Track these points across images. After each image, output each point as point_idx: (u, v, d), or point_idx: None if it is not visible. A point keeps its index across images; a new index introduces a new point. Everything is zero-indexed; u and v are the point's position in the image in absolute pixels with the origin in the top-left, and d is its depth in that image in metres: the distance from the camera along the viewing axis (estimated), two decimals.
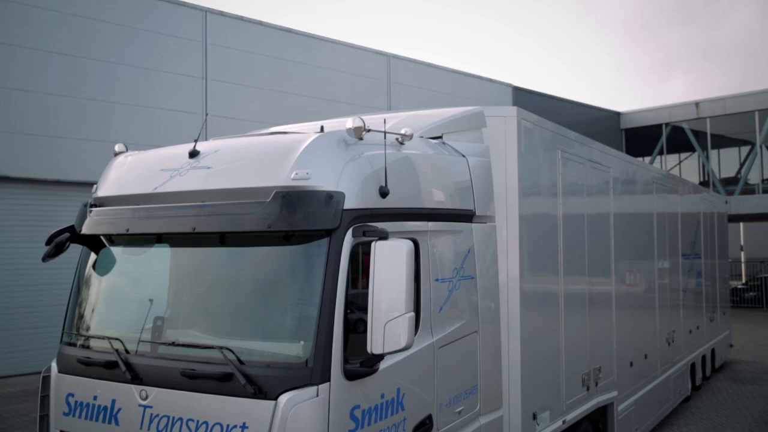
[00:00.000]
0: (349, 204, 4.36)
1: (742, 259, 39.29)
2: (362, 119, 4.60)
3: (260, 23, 20.43)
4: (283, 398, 4.06)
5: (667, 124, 34.26)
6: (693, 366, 13.46)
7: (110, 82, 17.05)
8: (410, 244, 4.29)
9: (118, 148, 5.61)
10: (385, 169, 4.61)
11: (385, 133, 4.70)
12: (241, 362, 4.19)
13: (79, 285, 5.33)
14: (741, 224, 40.27)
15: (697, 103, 33.06)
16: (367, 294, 4.21)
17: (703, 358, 14.41)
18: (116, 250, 5.27)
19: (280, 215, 4.25)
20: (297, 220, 4.27)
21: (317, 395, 4.09)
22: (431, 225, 5.15)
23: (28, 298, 15.68)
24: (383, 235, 4.37)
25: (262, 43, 20.19)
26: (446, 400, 5.23)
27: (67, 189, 16.02)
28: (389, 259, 4.21)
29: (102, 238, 5.24)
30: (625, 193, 9.82)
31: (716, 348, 15.71)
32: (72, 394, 4.96)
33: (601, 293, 8.60)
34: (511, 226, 6.22)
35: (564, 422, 7.31)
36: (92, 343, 5.02)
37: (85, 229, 5.14)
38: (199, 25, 18.97)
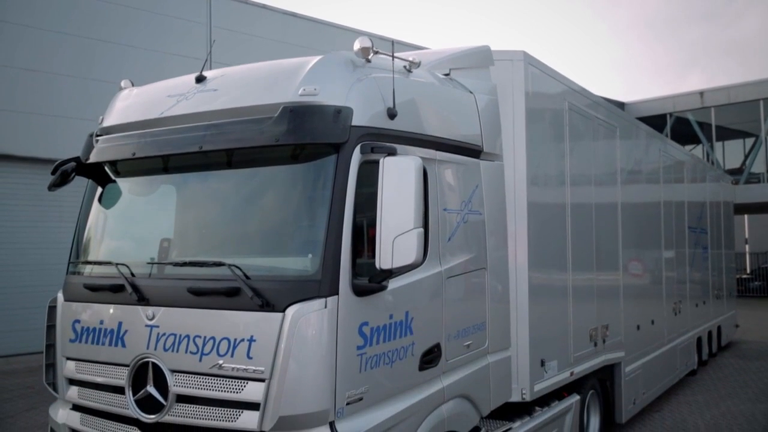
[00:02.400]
0: (357, 121, 4.32)
1: (747, 252, 39.17)
2: (370, 40, 4.56)
3: (264, 6, 20.42)
4: (291, 310, 4.03)
5: (671, 114, 34.12)
6: (699, 340, 13.41)
7: (115, 63, 17.01)
8: (419, 160, 4.26)
9: (123, 84, 5.59)
10: (393, 91, 4.57)
11: (393, 57, 4.67)
12: (247, 277, 4.15)
13: (85, 217, 5.30)
14: (746, 216, 40.16)
15: (701, 93, 32.94)
16: (375, 212, 4.17)
17: (710, 333, 14.36)
18: (122, 181, 5.24)
19: (288, 130, 4.22)
20: (305, 134, 4.24)
21: (325, 307, 4.06)
22: (439, 155, 5.10)
23: (32, 277, 15.64)
24: (392, 152, 4.34)
25: (265, 26, 20.17)
26: (454, 331, 5.19)
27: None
28: (398, 175, 4.18)
29: (107, 169, 5.21)
30: (631, 156, 9.77)
31: (722, 326, 15.66)
32: (78, 321, 4.93)
33: (607, 235, 8.55)
34: (519, 166, 6.18)
35: (572, 374, 7.27)
36: (98, 269, 4.99)
37: (92, 158, 5.11)
38: (203, 8, 18.97)
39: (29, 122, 15.68)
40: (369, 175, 4.30)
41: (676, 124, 34.23)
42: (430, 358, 4.90)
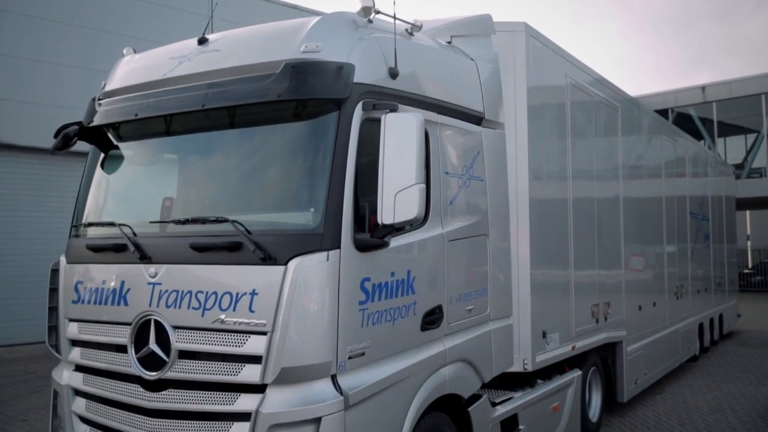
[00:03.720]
0: (359, 78, 4.34)
1: (749, 248, 39.13)
2: (373, 0, 4.58)
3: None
4: (293, 263, 4.04)
5: (672, 110, 34.11)
6: (701, 326, 13.40)
7: (118, 54, 17.01)
8: (420, 116, 4.27)
9: (126, 51, 5.61)
10: (395, 50, 4.59)
11: (395, 18, 4.68)
12: (249, 232, 4.17)
13: (88, 182, 5.31)
14: (747, 213, 40.11)
15: (703, 87, 32.92)
16: (377, 169, 4.19)
17: (711, 320, 14.37)
18: (124, 145, 5.25)
19: (290, 86, 4.22)
20: (307, 90, 4.25)
21: (327, 260, 4.06)
22: (440, 118, 5.11)
23: (34, 267, 15.63)
24: (393, 109, 4.35)
25: (268, 18, 20.12)
26: (456, 295, 5.20)
27: (74, 159, 15.87)
28: (400, 131, 4.19)
29: (109, 133, 5.22)
30: (633, 136, 9.77)
31: (724, 314, 15.68)
32: (80, 282, 4.95)
33: (609, 222, 8.57)
34: (520, 135, 6.20)
35: (573, 348, 7.29)
36: (101, 231, 5.00)
37: (94, 120, 5.12)
38: (208, 1, 18.98)
39: (32, 112, 15.70)
40: (370, 133, 4.31)
41: (678, 120, 34.19)
42: (432, 319, 4.91)
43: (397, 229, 4.38)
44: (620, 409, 9.15)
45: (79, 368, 4.96)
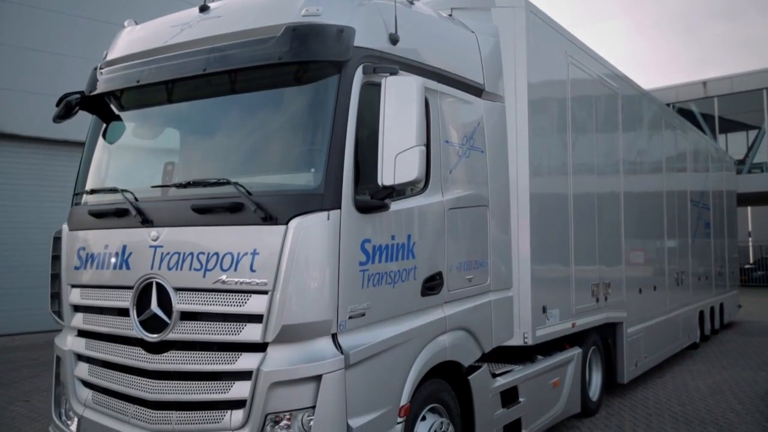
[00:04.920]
0: (359, 41, 4.37)
1: (750, 245, 39.12)
2: None
3: None
4: (294, 222, 4.06)
5: (674, 105, 34.09)
6: (701, 314, 13.42)
7: None
8: (420, 80, 4.31)
9: (127, 23, 5.63)
10: (396, 17, 4.62)
11: None
12: (250, 194, 4.19)
13: (90, 151, 5.33)
14: (749, 209, 40.09)
15: (704, 82, 32.94)
16: (377, 132, 4.22)
17: (712, 309, 14.39)
18: (126, 114, 5.28)
19: (291, 49, 4.26)
20: (307, 52, 4.28)
21: (328, 219, 4.09)
22: (440, 87, 5.14)
23: (37, 257, 15.65)
24: (394, 72, 4.38)
25: None
26: (456, 263, 5.23)
27: (77, 149, 15.91)
28: (400, 94, 4.22)
29: (111, 103, 5.25)
30: (633, 121, 9.79)
31: (725, 303, 15.69)
32: (83, 248, 4.97)
33: (610, 202, 8.59)
34: (520, 111, 6.22)
35: (573, 325, 7.31)
36: (103, 197, 5.02)
37: (97, 89, 5.15)
38: None
39: (35, 103, 15.70)
40: (371, 97, 4.34)
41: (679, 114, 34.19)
42: (432, 285, 4.93)
43: (398, 192, 4.42)
44: (620, 390, 9.17)
45: (82, 333, 4.99)
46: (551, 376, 6.87)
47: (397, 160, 4.13)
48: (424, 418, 4.91)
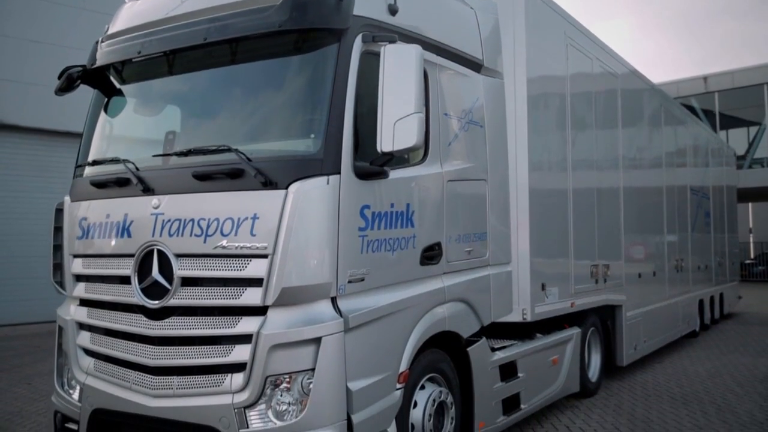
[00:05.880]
0: (358, 10, 4.41)
1: (751, 242, 39.12)
2: None
3: None
4: (294, 186, 4.11)
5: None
6: (701, 303, 13.44)
7: None
8: (419, 48, 4.34)
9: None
10: None
11: None
12: (250, 160, 4.24)
13: (91, 125, 5.37)
14: (750, 205, 40.09)
15: (705, 78, 32.93)
16: (377, 100, 4.26)
17: (712, 298, 14.41)
18: (127, 87, 5.31)
19: (291, 17, 4.30)
20: (307, 20, 4.32)
21: (327, 184, 4.14)
22: (439, 60, 5.19)
23: (40, 247, 15.71)
24: (392, 40, 4.42)
25: None
26: (455, 234, 5.27)
27: (78, 141, 16.07)
28: (399, 62, 4.26)
29: (112, 76, 5.29)
30: (632, 100, 9.81)
31: (725, 293, 15.72)
32: (85, 218, 5.01)
33: (609, 187, 8.63)
34: (519, 89, 6.26)
35: (572, 305, 7.36)
36: (105, 168, 5.06)
37: (98, 61, 5.20)
38: None
39: (38, 94, 15.73)
40: (370, 66, 4.38)
41: None
42: (431, 254, 4.97)
43: (398, 160, 4.47)
44: (620, 373, 9.22)
45: (84, 303, 5.03)
46: (550, 353, 6.91)
47: (396, 127, 4.18)
48: (423, 387, 4.96)
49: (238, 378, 4.17)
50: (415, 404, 4.88)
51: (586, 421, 6.94)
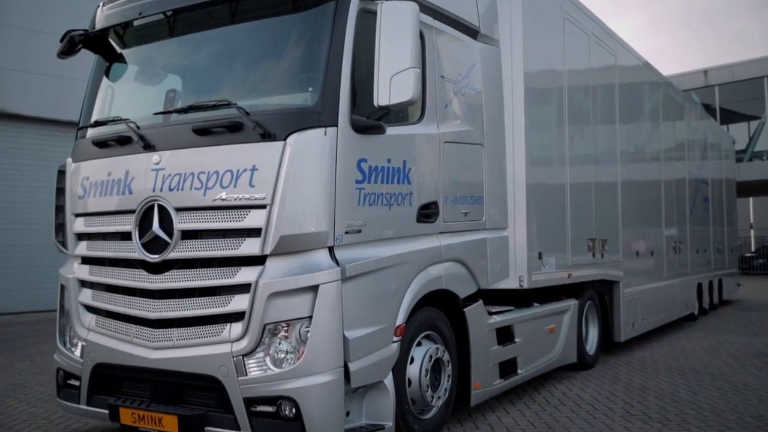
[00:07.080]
0: None
1: (752, 236, 39.13)
2: None
3: None
4: (292, 138, 4.19)
5: None
6: (700, 287, 13.49)
7: None
8: (416, 5, 4.42)
9: None
10: None
11: None
12: (249, 114, 4.31)
13: (93, 90, 5.45)
14: (750, 200, 40.09)
15: (705, 71, 32.98)
16: (373, 57, 4.33)
17: (710, 283, 14.45)
18: (128, 51, 5.39)
19: None
20: None
21: (325, 135, 4.22)
22: (436, 23, 5.26)
23: (42, 236, 15.78)
24: None
25: None
26: (452, 195, 5.34)
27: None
28: (395, 18, 4.35)
29: (114, 40, 5.36)
30: (630, 79, 9.86)
31: (723, 280, 15.75)
32: (87, 178, 5.09)
33: (605, 153, 8.69)
34: (516, 60, 6.31)
35: (569, 276, 7.41)
36: (106, 128, 5.13)
37: (99, 24, 5.27)
38: None
39: (40, 83, 15.83)
40: (367, 25, 4.46)
41: None
42: (428, 213, 5.05)
43: (395, 117, 4.56)
44: (617, 349, 9.28)
45: (86, 261, 5.11)
46: (547, 321, 6.98)
47: (393, 81, 4.26)
48: (420, 344, 5.04)
49: (236, 327, 4.25)
50: (412, 360, 4.95)
51: (582, 389, 7.00)
